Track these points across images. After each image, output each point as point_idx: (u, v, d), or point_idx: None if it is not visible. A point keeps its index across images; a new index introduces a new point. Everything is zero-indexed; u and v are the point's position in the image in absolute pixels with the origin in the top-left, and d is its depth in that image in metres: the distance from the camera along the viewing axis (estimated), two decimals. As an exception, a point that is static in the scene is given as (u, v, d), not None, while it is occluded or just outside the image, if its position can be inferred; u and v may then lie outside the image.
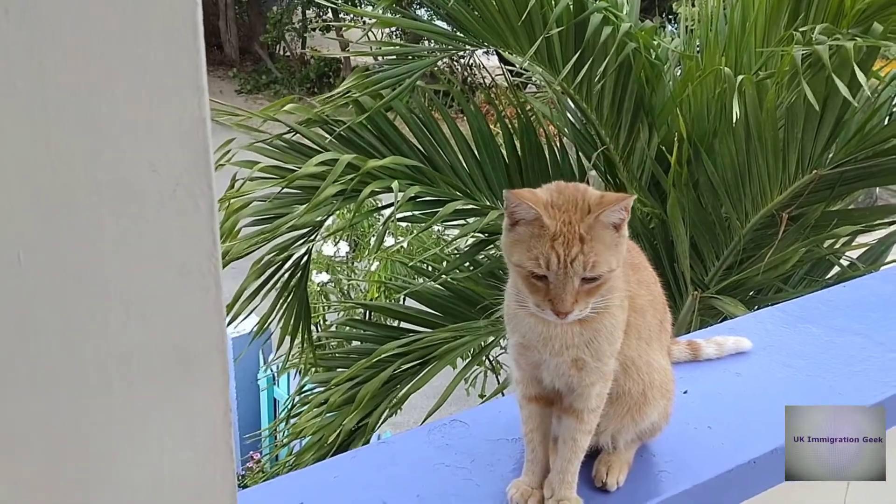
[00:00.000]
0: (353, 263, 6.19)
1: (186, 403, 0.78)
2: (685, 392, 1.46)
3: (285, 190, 2.92)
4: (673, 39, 3.61)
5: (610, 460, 1.26)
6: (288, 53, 15.68)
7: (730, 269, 2.88)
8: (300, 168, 2.81)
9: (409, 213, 3.04)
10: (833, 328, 1.67)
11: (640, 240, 2.77)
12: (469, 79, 9.11)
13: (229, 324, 3.01)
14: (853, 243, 3.07)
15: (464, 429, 1.36)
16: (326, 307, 5.44)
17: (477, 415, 1.42)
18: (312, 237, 3.06)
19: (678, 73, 3.31)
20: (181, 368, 0.76)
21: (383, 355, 2.99)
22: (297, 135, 3.08)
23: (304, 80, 14.85)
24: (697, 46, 3.27)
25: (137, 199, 0.72)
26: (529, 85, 4.45)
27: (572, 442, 1.19)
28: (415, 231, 4.27)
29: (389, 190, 2.75)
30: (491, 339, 3.15)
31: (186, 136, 0.75)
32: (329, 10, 14.40)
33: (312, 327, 3.64)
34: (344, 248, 6.04)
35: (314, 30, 14.75)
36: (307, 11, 15.35)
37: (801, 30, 2.60)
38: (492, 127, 3.25)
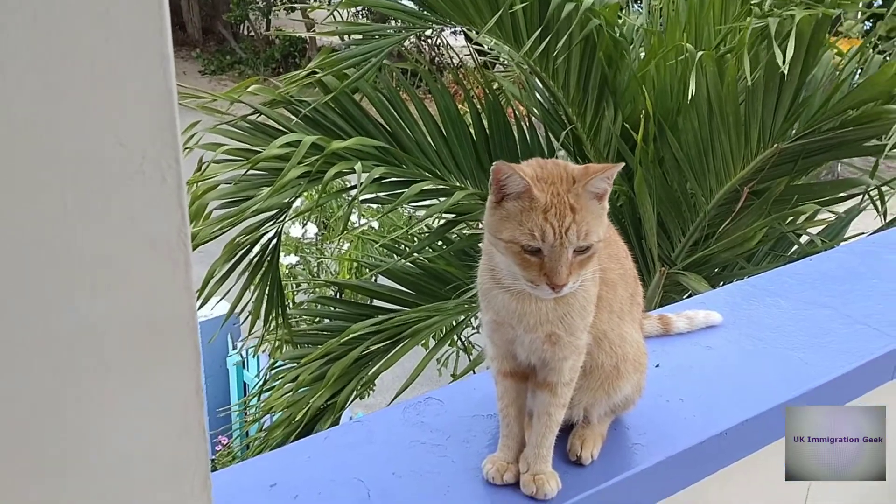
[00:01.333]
0: (321, 245, 6.15)
1: (158, 380, 0.77)
2: (657, 366, 1.47)
3: (252, 172, 2.87)
4: (638, 17, 3.60)
5: (584, 434, 1.26)
6: (252, 33, 15.43)
7: (696, 245, 2.89)
8: (266, 150, 2.76)
9: (374, 195, 3.01)
10: (801, 301, 1.68)
11: (608, 217, 2.75)
12: (437, 59, 9.04)
13: (200, 307, 2.96)
14: (814, 219, 3.10)
15: (438, 406, 1.35)
16: (296, 288, 5.39)
17: (451, 392, 1.41)
18: (281, 219, 3.02)
19: (642, 53, 3.30)
20: (151, 344, 0.74)
21: (354, 334, 2.96)
22: (263, 116, 3.02)
23: (269, 61, 14.63)
24: (661, 23, 3.26)
25: (103, 172, 0.70)
26: (497, 66, 4.42)
27: (547, 416, 1.18)
28: (383, 212, 4.24)
29: (355, 171, 2.72)
30: (462, 318, 3.13)
31: (152, 107, 0.73)
32: (294, -11, 14.18)
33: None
34: (312, 229, 6.00)
35: (278, 9, 14.52)
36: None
37: (753, 2, 2.60)
38: (459, 106, 3.22)
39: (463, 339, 4.13)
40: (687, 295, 2.65)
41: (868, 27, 5.54)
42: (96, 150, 0.69)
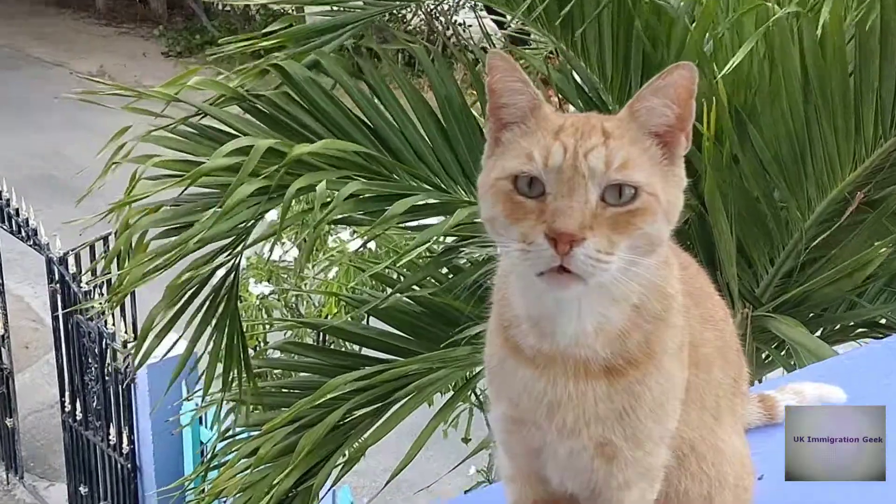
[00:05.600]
0: (302, 270, 5.94)
1: None
2: (760, 477, 1.20)
3: (197, 190, 2.70)
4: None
5: None
6: (228, 8, 15.33)
7: (789, 276, 2.67)
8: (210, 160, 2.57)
9: (351, 215, 2.82)
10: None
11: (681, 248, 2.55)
12: (452, 38, 8.83)
13: (146, 356, 2.81)
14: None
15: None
16: (267, 326, 5.16)
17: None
18: (237, 248, 2.82)
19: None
20: None
21: (332, 394, 2.74)
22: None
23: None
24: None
25: None
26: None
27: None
28: (370, 236, 4.02)
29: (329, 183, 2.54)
30: (478, 369, 2.91)
31: None
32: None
33: (250, 351, 3.41)
34: (293, 251, 5.79)
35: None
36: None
37: None
38: (467, 96, 3.02)
39: (477, 392, 3.89)
40: (776, 345, 2.38)
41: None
42: None
